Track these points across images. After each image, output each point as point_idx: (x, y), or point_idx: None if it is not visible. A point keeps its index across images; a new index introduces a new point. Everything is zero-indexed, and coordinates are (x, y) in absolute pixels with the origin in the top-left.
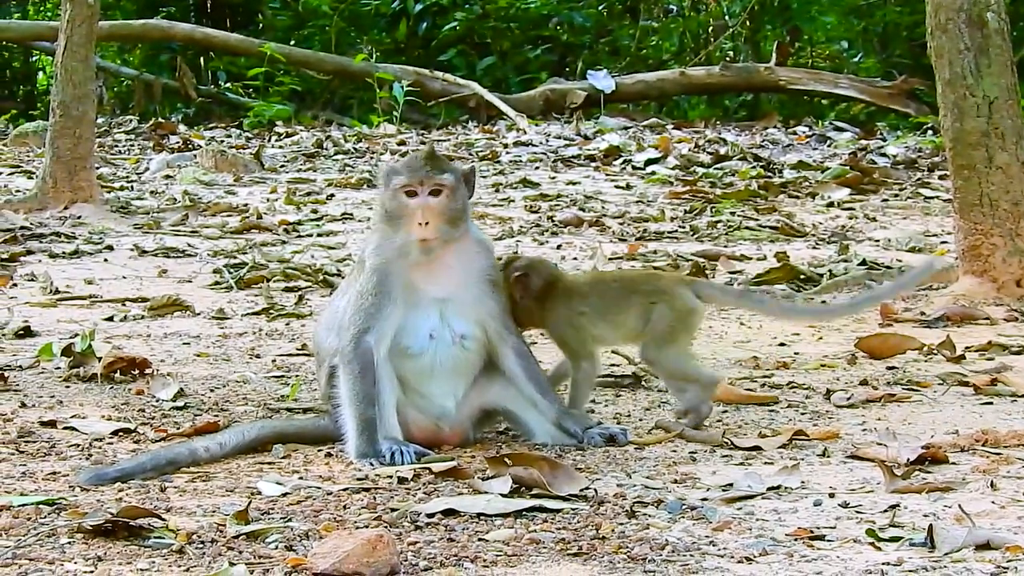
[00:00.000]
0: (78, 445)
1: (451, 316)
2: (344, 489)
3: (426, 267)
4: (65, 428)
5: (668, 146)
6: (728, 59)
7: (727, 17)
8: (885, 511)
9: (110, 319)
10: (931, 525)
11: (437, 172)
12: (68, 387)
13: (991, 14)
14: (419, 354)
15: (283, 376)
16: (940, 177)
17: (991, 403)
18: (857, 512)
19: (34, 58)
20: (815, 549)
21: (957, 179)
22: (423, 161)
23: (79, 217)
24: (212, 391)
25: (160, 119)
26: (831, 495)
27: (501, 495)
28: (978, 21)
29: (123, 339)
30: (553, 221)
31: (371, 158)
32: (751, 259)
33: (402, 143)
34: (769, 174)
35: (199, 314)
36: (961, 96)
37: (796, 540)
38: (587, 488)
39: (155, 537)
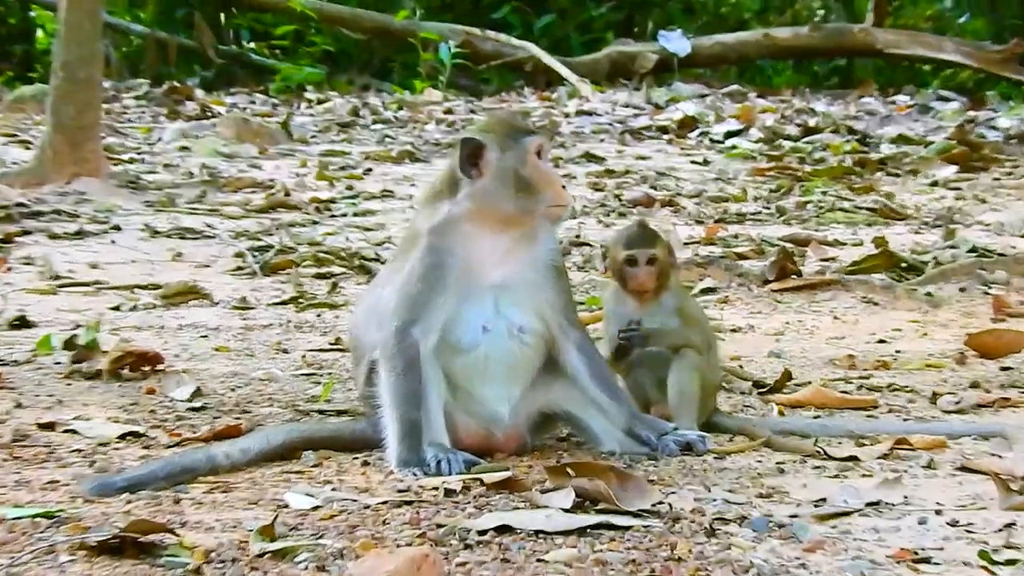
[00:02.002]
0: (81, 450)
1: (507, 306)
2: (383, 502)
3: (482, 248)
4: (66, 431)
5: (751, 116)
6: (818, 19)
7: None
8: (1000, 530)
9: (117, 308)
10: None
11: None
12: (69, 385)
13: None
14: (471, 349)
15: (314, 374)
16: None
17: None
18: (968, 531)
19: (32, 13)
20: (920, 573)
21: None
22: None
23: (83, 193)
24: (233, 390)
25: (175, 83)
26: (938, 512)
27: (562, 510)
28: None
29: (132, 331)
30: (620, 201)
31: (414, 128)
32: (845, 244)
33: (449, 111)
34: (865, 149)
35: (218, 303)
36: None
37: (898, 563)
38: (660, 503)
39: (168, 555)
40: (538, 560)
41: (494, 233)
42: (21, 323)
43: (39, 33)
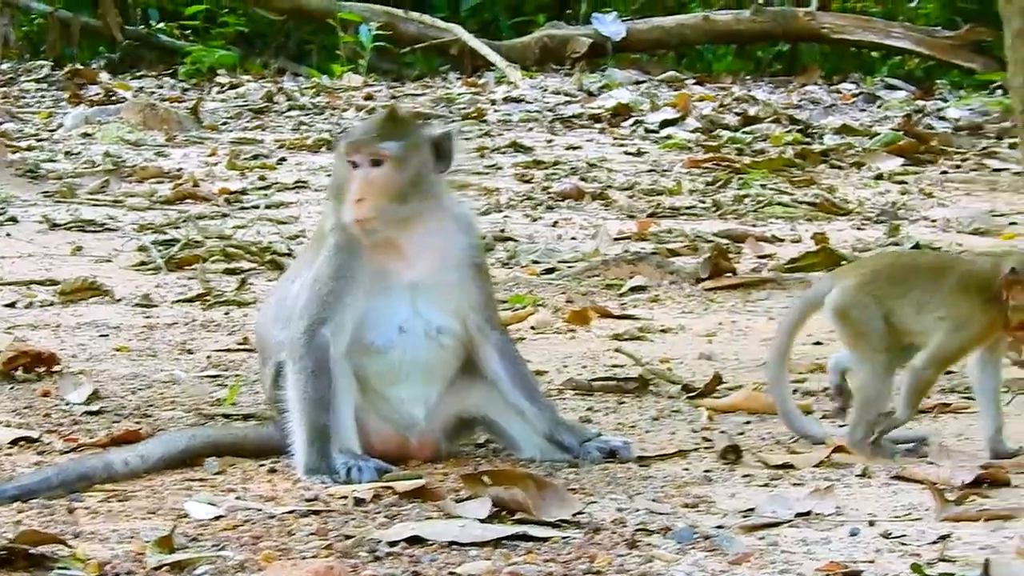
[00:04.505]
0: None
1: (425, 305)
2: (290, 512)
3: (394, 246)
4: None
5: (688, 105)
6: (761, 1)
7: None
8: (934, 542)
9: (12, 305)
10: (987, 559)
11: (380, 139)
12: None
13: None
14: (385, 350)
15: (220, 376)
16: (1010, 146)
17: None
18: (901, 543)
19: None
20: None
21: None
22: (374, 125)
23: None
24: (133, 393)
25: (78, 65)
26: (871, 523)
27: (478, 520)
28: None
29: (27, 329)
30: (549, 193)
31: (332, 115)
32: (784, 241)
33: (369, 97)
34: (807, 140)
35: (119, 300)
36: None
37: None
38: (581, 512)
39: (60, 567)
40: (450, 573)
41: (399, 228)
42: None
43: None
